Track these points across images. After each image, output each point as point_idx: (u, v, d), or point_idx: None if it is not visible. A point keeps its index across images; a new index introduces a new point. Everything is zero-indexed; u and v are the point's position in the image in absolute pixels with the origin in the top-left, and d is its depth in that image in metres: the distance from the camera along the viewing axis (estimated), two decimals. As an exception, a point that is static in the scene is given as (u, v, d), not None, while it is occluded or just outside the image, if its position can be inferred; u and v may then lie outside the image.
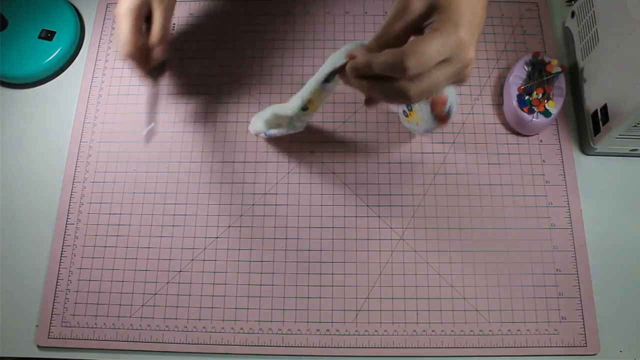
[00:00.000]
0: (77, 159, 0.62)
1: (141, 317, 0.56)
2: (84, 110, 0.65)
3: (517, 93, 0.60)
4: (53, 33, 0.67)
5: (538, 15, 0.67)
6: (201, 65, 0.66)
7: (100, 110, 0.65)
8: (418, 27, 0.39)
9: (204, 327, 0.56)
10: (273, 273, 0.57)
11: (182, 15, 0.69)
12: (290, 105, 0.52)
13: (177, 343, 0.55)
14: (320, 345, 0.55)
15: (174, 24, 0.68)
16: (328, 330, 0.55)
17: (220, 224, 0.59)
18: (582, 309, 0.55)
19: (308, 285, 0.56)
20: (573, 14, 0.64)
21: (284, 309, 0.56)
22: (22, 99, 0.67)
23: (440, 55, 0.37)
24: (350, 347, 0.55)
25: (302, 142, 0.62)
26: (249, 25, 0.68)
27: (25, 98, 0.67)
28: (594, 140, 0.59)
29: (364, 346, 0.55)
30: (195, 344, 0.55)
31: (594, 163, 0.61)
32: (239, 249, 0.58)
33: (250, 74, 0.66)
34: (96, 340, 0.56)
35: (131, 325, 0.56)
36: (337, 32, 0.67)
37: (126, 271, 0.58)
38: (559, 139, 0.62)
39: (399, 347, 0.54)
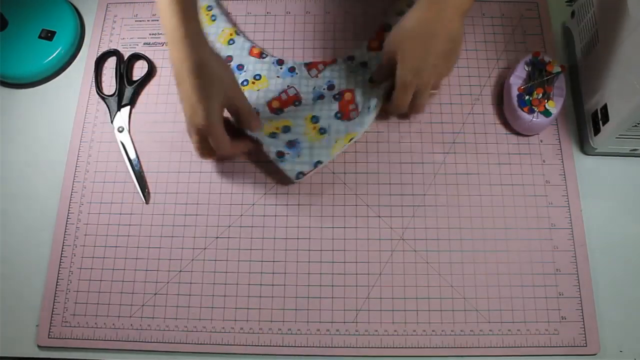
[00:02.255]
0: (77, 159, 0.62)
1: (141, 317, 0.56)
2: (84, 110, 0.65)
3: (517, 93, 0.60)
4: (53, 33, 0.67)
5: (538, 15, 0.67)
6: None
7: (100, 110, 0.65)
8: None
9: (204, 327, 0.56)
10: (273, 273, 0.57)
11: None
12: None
13: (177, 343, 0.55)
14: (320, 345, 0.55)
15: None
16: (328, 330, 0.55)
17: (220, 224, 0.59)
18: (582, 309, 0.55)
19: (308, 285, 0.56)
20: (573, 14, 0.64)
21: (284, 309, 0.56)
22: (22, 99, 0.67)
23: None
24: (350, 347, 0.55)
25: (302, 142, 0.62)
26: (249, 25, 0.68)
27: (25, 98, 0.67)
28: (594, 140, 0.59)
29: (364, 346, 0.55)
30: (195, 344, 0.55)
31: (594, 163, 0.61)
32: (239, 249, 0.58)
33: (250, 74, 0.66)
34: (96, 340, 0.56)
35: (131, 325, 0.56)
36: (337, 31, 0.67)
37: (126, 271, 0.58)
38: (559, 139, 0.61)
39: (399, 347, 0.54)
